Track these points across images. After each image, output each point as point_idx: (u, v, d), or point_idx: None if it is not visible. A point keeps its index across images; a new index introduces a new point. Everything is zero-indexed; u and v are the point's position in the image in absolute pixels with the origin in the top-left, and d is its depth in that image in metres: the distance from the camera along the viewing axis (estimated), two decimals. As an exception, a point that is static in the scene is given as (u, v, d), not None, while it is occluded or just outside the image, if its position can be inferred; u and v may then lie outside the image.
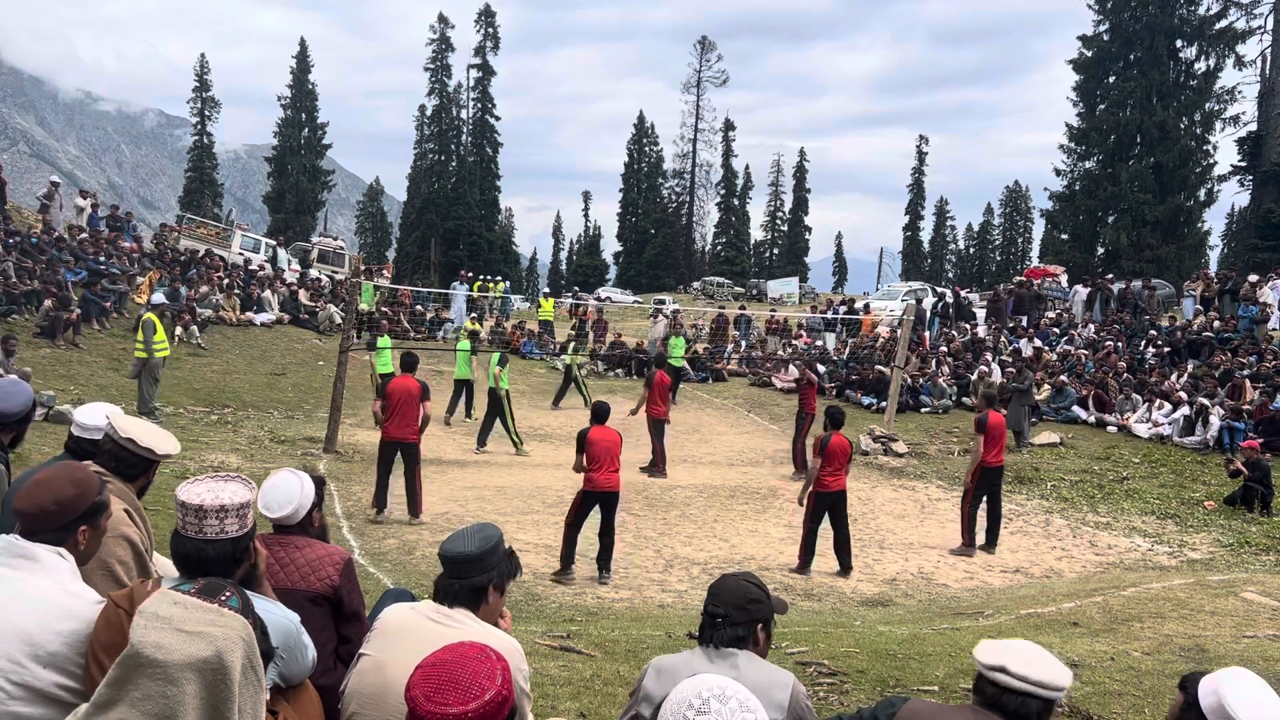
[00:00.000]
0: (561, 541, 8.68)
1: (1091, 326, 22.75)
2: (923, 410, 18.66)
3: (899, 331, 18.39)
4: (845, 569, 9.40)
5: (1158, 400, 16.53)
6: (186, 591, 1.91)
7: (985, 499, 10.34)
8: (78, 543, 2.43)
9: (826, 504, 9.28)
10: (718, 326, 29.16)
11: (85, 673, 2.20)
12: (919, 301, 19.50)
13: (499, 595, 2.74)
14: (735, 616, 2.65)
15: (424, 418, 10.17)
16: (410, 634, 2.58)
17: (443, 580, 2.68)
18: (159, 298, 15.16)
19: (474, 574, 2.67)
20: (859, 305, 31.09)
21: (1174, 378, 17.70)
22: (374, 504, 10.32)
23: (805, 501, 9.33)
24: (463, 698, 1.75)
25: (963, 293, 30.58)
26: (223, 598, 1.93)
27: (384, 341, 16.07)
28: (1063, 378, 18.10)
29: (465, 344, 17.34)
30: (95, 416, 3.86)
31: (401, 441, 10.08)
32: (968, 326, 24.38)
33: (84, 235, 21.27)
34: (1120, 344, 20.60)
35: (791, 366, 22.40)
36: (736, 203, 75.67)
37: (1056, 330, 22.85)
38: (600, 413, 8.81)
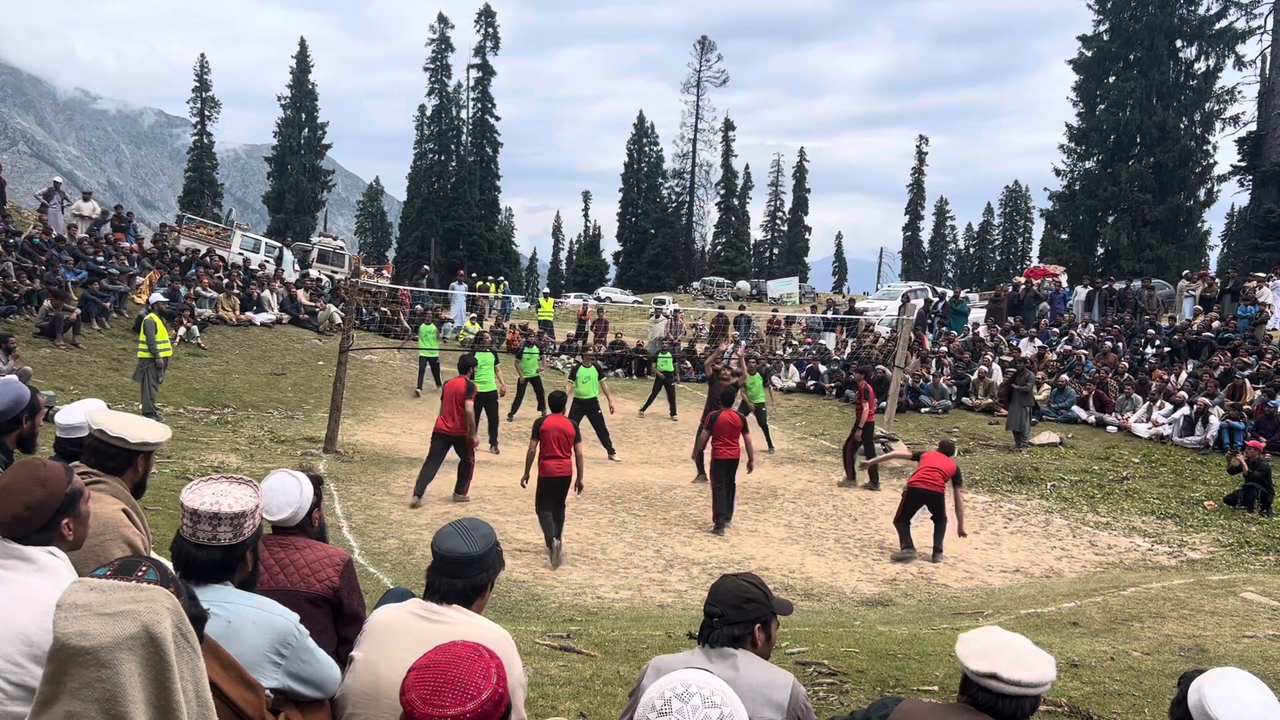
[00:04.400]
0: (540, 525, 9.52)
1: (1091, 326, 22.74)
2: (923, 410, 18.66)
3: (899, 331, 18.38)
4: (723, 520, 10.86)
5: (1158, 400, 16.53)
6: (101, 575, 1.89)
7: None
8: (64, 536, 2.40)
9: (723, 469, 10.92)
10: (718, 326, 29.16)
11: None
12: (905, 300, 19.29)
13: (490, 590, 2.76)
14: (731, 616, 2.65)
15: (465, 414, 11.07)
16: (399, 633, 2.58)
17: (439, 579, 2.65)
18: (157, 297, 15.10)
19: (476, 573, 2.66)
20: (859, 305, 31.09)
21: (1174, 377, 17.70)
22: (415, 491, 11.09)
23: (707, 471, 11.18)
24: (460, 698, 1.74)
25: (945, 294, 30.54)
26: (139, 573, 1.90)
27: (586, 373, 15.28)
28: (1063, 377, 18.10)
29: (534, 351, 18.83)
30: (73, 416, 3.84)
31: (448, 435, 11.07)
32: (969, 327, 24.37)
33: (83, 236, 21.25)
34: (1120, 344, 20.60)
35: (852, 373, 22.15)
36: (736, 203, 75.68)
37: (1056, 330, 22.86)
38: (556, 402, 9.89)
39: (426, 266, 39.85)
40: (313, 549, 3.15)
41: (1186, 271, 25.95)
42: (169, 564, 2.27)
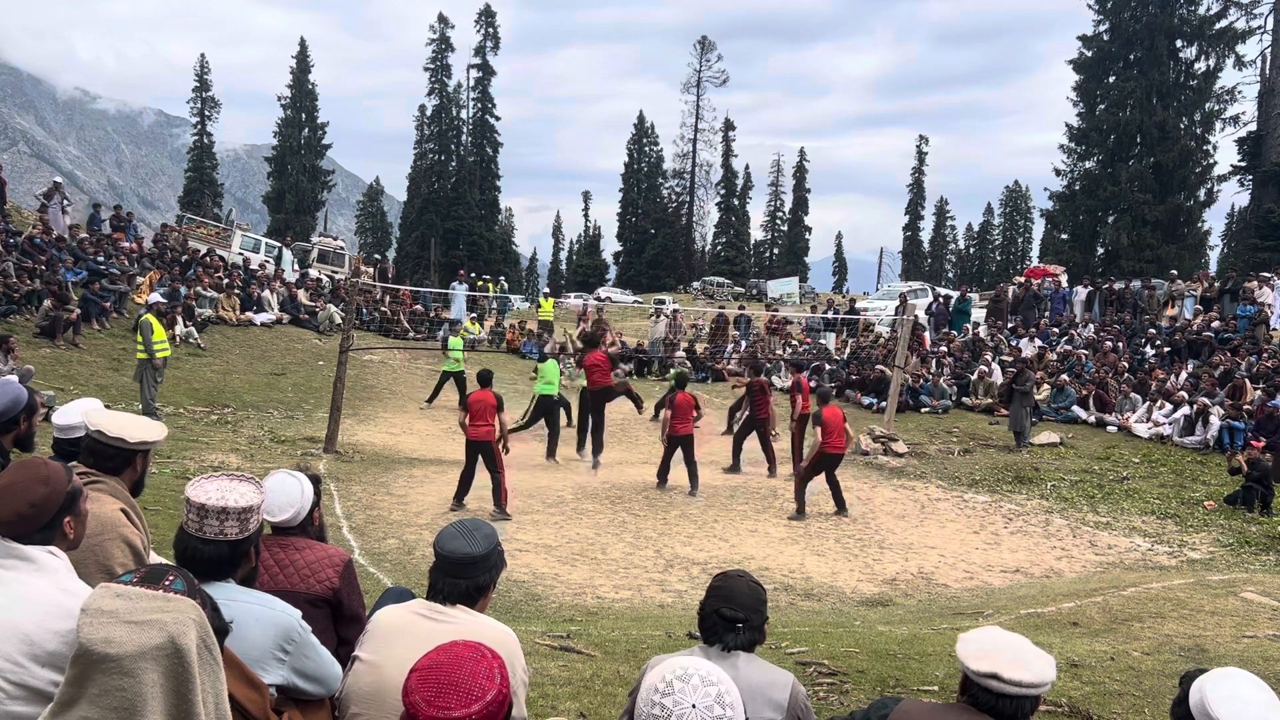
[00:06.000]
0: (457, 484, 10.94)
1: (1091, 326, 22.74)
2: (923, 410, 18.65)
3: (899, 331, 18.38)
4: (694, 487, 12.41)
5: (1158, 400, 16.53)
6: (128, 582, 1.89)
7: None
8: (65, 535, 2.40)
9: (676, 443, 12.44)
10: (718, 326, 29.16)
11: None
12: (903, 300, 19.27)
13: (493, 590, 2.76)
14: (754, 621, 2.66)
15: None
16: (404, 633, 2.57)
17: (441, 579, 2.65)
18: (155, 297, 15.07)
19: (478, 573, 2.67)
20: (859, 305, 31.04)
21: (1174, 378, 17.70)
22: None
23: (663, 441, 12.66)
24: (464, 700, 1.74)
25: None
26: (166, 582, 1.90)
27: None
28: (1063, 377, 18.10)
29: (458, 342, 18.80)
30: (69, 416, 3.83)
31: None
32: (968, 327, 24.36)
33: (84, 236, 21.24)
34: (1120, 344, 20.60)
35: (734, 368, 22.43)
36: (736, 203, 75.66)
37: (1056, 330, 22.86)
38: (483, 379, 11.22)
39: (379, 256, 39.80)
40: (313, 549, 3.15)
41: (1174, 272, 25.96)
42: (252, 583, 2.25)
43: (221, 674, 1.88)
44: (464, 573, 2.64)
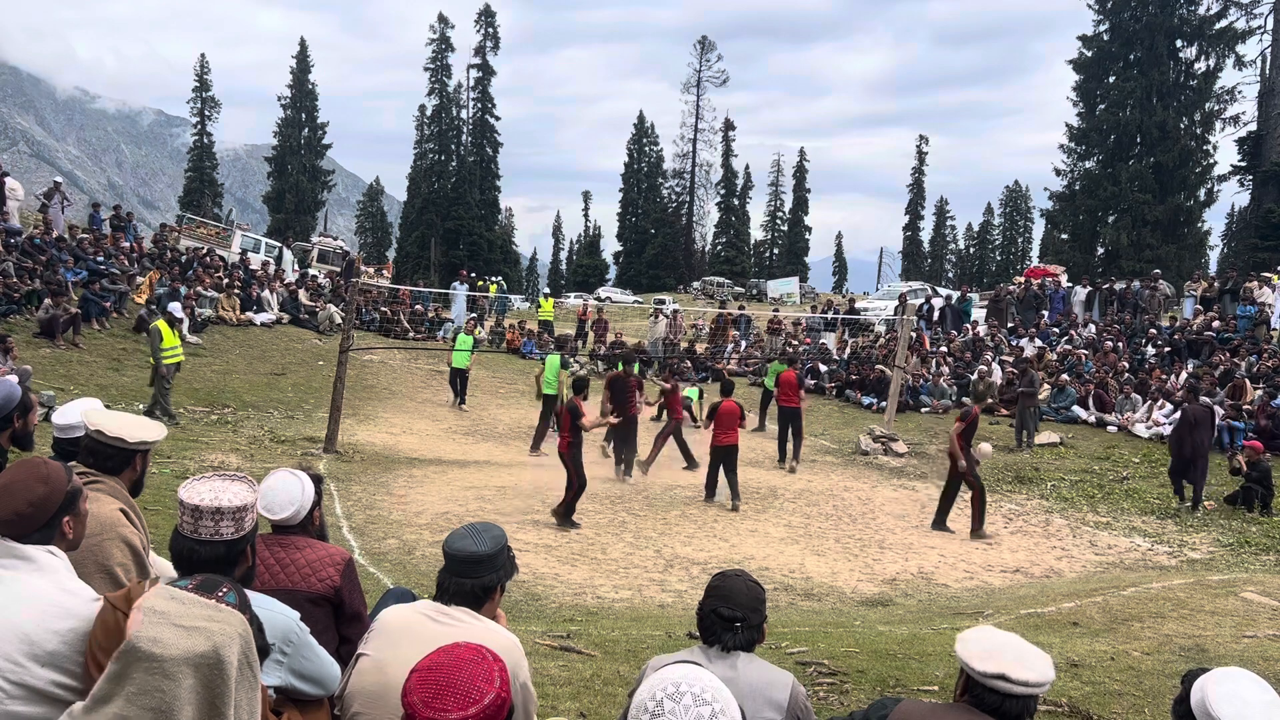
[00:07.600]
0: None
1: (1092, 326, 22.74)
2: (923, 410, 18.65)
3: (899, 331, 18.38)
4: (735, 498, 11.87)
5: (1158, 400, 16.53)
6: (184, 587, 1.91)
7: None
8: (64, 534, 2.40)
9: (720, 455, 11.93)
10: (718, 326, 29.16)
11: (84, 672, 2.20)
12: (902, 300, 19.30)
13: (501, 594, 2.75)
14: (752, 620, 2.65)
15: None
16: (410, 633, 2.57)
17: (448, 579, 2.65)
18: (175, 307, 14.75)
19: (484, 573, 2.66)
20: (859, 305, 31.04)
21: (1174, 378, 17.70)
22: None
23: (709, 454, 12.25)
24: (461, 702, 1.74)
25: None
26: (219, 594, 1.92)
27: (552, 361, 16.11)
28: (1063, 377, 18.10)
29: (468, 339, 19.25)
30: (69, 416, 3.83)
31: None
32: (968, 326, 24.34)
33: (84, 235, 21.23)
34: (1120, 344, 20.60)
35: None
36: (736, 203, 75.64)
37: (1056, 330, 22.86)
38: (574, 385, 11.28)
39: (345, 249, 39.37)
40: (314, 548, 3.15)
41: (1156, 271, 26.02)
42: (246, 591, 2.25)
43: (258, 692, 1.89)
44: (470, 572, 2.64)
